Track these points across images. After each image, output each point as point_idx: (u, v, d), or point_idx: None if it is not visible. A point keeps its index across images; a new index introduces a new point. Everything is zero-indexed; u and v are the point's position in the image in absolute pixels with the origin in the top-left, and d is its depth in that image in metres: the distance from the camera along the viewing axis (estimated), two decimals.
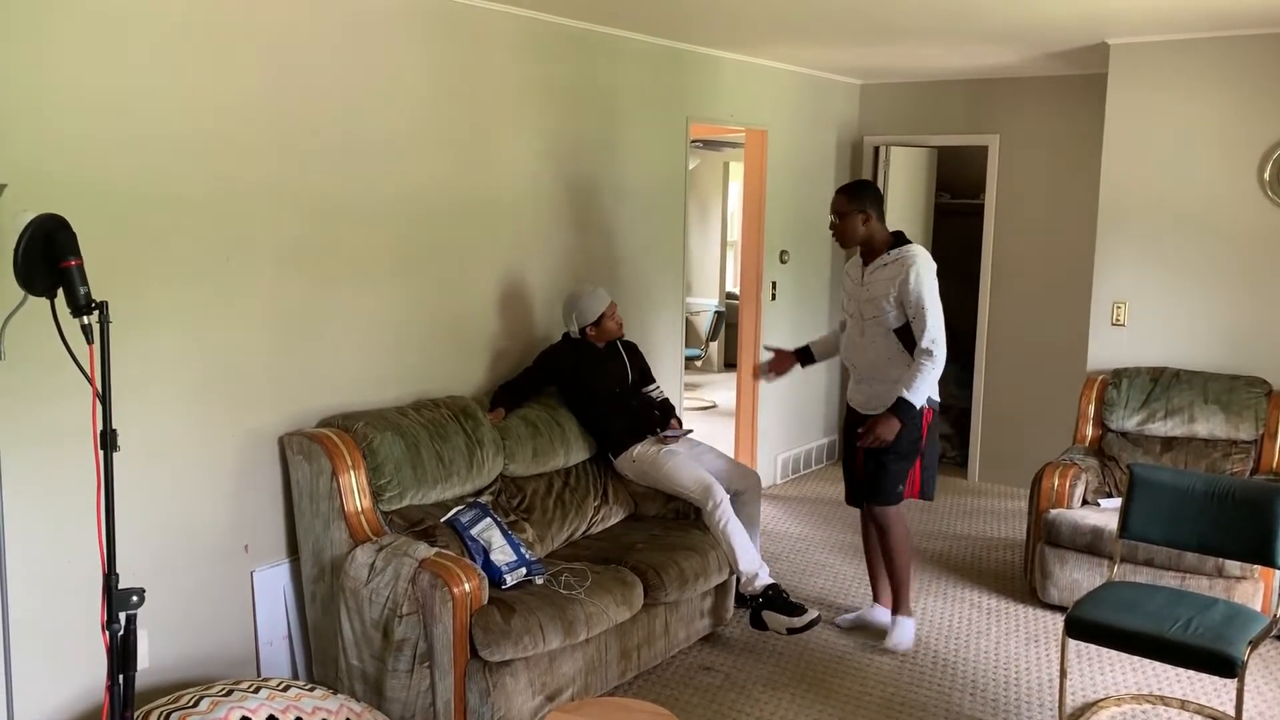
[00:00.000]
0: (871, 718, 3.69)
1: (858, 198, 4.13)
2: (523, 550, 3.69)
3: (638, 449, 4.40)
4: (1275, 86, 4.75)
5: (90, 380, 2.33)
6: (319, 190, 3.69)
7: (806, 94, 6.49)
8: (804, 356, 4.61)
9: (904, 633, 4.24)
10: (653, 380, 4.72)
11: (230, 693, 2.91)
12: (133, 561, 3.13)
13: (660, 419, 4.58)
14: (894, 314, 4.05)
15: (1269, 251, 4.83)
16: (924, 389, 3.98)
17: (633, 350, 4.65)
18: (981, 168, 6.67)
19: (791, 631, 4.14)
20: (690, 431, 4.60)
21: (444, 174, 4.16)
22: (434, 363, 4.20)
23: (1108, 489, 4.85)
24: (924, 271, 3.99)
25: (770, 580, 4.22)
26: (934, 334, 3.98)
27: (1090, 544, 4.45)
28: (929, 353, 3.96)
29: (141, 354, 3.20)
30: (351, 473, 3.51)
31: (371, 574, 3.34)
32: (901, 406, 3.97)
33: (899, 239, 4.13)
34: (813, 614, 4.14)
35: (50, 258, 2.35)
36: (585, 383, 4.42)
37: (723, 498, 4.18)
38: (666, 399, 4.77)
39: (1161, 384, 4.91)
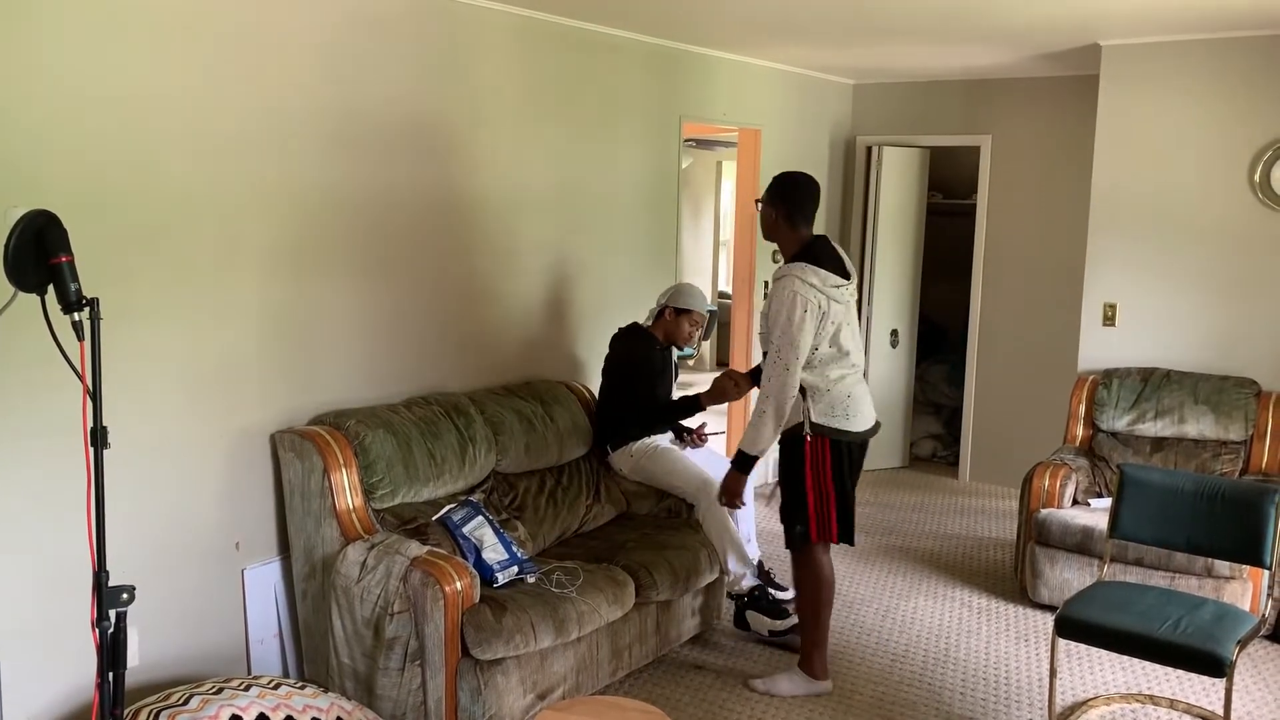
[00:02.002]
0: (862, 717, 3.70)
1: (773, 189, 3.71)
2: (514, 548, 3.69)
3: (638, 445, 4.42)
4: (1266, 88, 4.77)
5: (81, 377, 2.32)
6: (312, 187, 3.69)
7: (799, 94, 6.50)
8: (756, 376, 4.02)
9: (784, 683, 3.83)
10: None
11: (221, 691, 2.90)
12: (123, 559, 3.12)
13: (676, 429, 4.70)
14: (767, 335, 3.65)
15: (1259, 253, 4.85)
16: (756, 437, 3.58)
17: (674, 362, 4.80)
18: (974, 168, 6.69)
19: (773, 634, 4.17)
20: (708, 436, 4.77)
21: (437, 172, 4.16)
22: (426, 360, 4.20)
23: (1098, 489, 4.87)
24: (785, 300, 3.50)
25: (757, 582, 4.24)
26: (770, 372, 3.54)
27: (1080, 544, 4.46)
28: (764, 395, 3.56)
29: (133, 350, 3.19)
30: (343, 470, 3.50)
31: (363, 572, 3.34)
32: (737, 459, 3.66)
33: (803, 252, 3.62)
34: (795, 619, 4.16)
35: (41, 254, 2.34)
36: (644, 372, 4.47)
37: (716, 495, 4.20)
38: None
39: (1152, 384, 4.93)
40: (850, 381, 3.65)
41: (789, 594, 4.38)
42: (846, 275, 3.64)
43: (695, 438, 4.66)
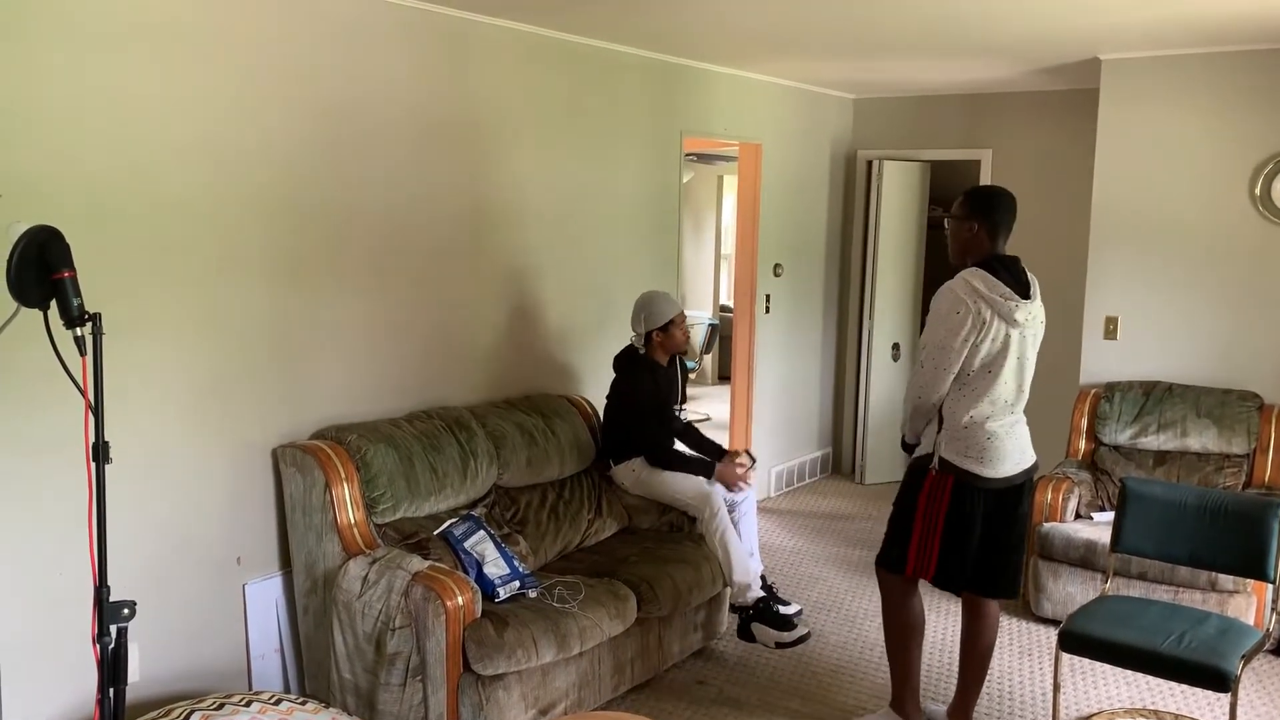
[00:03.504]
0: None
1: (973, 202, 3.37)
2: (516, 563, 3.68)
3: (640, 459, 4.43)
4: (1266, 102, 4.78)
5: (83, 392, 2.32)
6: (313, 201, 3.70)
7: (800, 108, 6.52)
8: None
9: None
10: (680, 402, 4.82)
11: (222, 706, 2.89)
12: (124, 574, 3.11)
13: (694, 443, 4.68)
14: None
15: (1260, 266, 4.85)
16: (905, 425, 3.52)
17: (683, 369, 4.74)
18: (974, 182, 6.69)
19: (780, 646, 4.15)
20: (755, 463, 4.68)
21: (438, 186, 4.17)
22: (427, 374, 4.20)
23: (1101, 503, 4.86)
24: (941, 302, 3.29)
25: (762, 594, 4.23)
26: (914, 370, 3.39)
27: (1083, 558, 4.45)
28: (907, 394, 3.46)
29: (135, 365, 3.20)
30: (345, 485, 3.50)
31: (364, 587, 3.33)
32: (902, 442, 3.61)
33: (981, 262, 3.30)
34: (802, 630, 4.15)
35: (43, 269, 2.35)
36: (648, 405, 4.42)
37: (720, 507, 4.22)
38: (689, 422, 4.85)
39: (1154, 398, 4.93)
40: (994, 424, 3.29)
41: (793, 608, 4.39)
42: (1026, 295, 3.28)
43: (738, 478, 4.50)
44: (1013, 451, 3.35)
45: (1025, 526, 3.50)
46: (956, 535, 3.37)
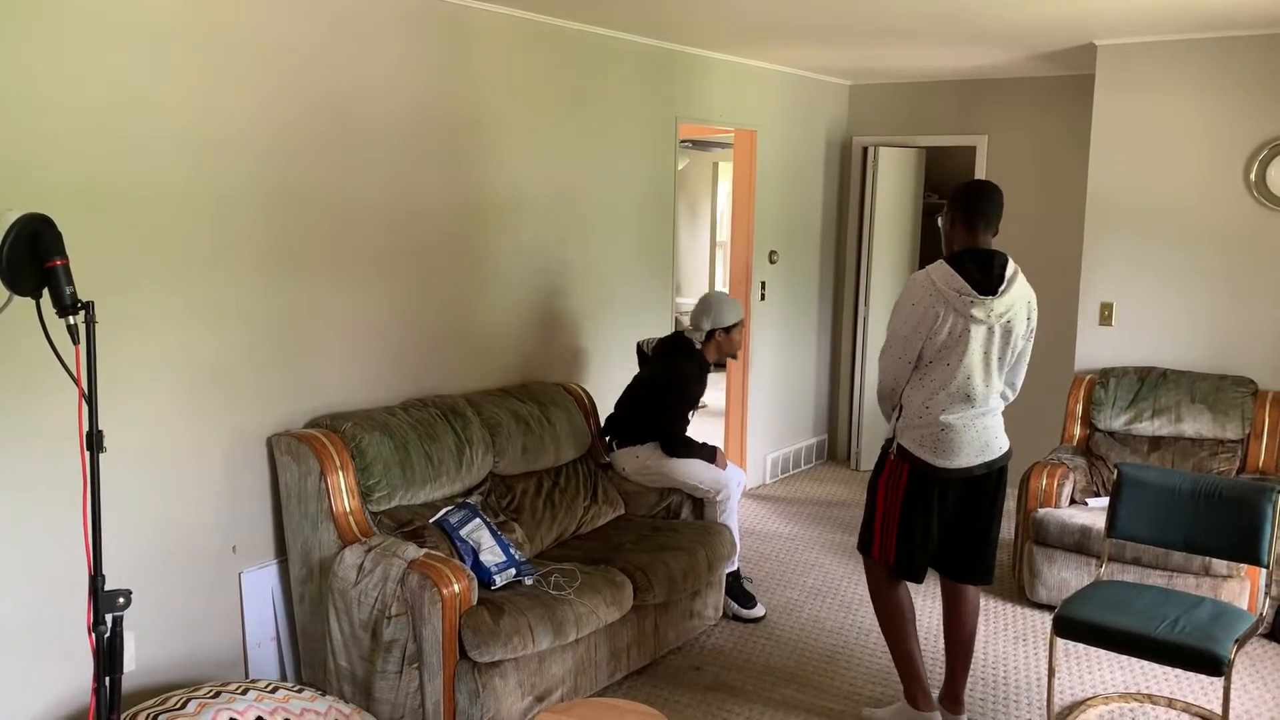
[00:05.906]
0: (861, 717, 3.69)
1: (950, 195, 3.40)
2: (512, 551, 3.68)
3: (644, 447, 4.48)
4: (1262, 87, 4.77)
5: (76, 381, 2.31)
6: (308, 190, 3.68)
7: (796, 94, 6.50)
8: None
9: (885, 717, 3.62)
10: None
11: (218, 694, 2.89)
12: (119, 563, 3.12)
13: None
14: None
15: (1255, 251, 4.85)
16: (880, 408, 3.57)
17: None
18: (970, 168, 6.70)
19: (737, 619, 4.46)
20: None
21: (434, 175, 4.16)
22: (423, 363, 4.20)
23: (1095, 488, 4.87)
24: (899, 299, 3.35)
25: (735, 568, 4.50)
26: (881, 355, 3.45)
27: (1078, 543, 4.47)
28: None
29: (128, 354, 3.19)
30: (340, 473, 3.50)
31: (360, 575, 3.33)
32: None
33: (951, 255, 3.33)
34: (760, 611, 4.50)
35: (35, 257, 2.33)
36: (685, 395, 4.50)
37: (732, 491, 4.42)
38: None
39: (1149, 384, 4.93)
40: (949, 416, 3.30)
41: (759, 611, 4.54)
42: (991, 290, 3.22)
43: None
44: (971, 444, 3.34)
45: (994, 515, 3.49)
46: (910, 522, 3.41)
